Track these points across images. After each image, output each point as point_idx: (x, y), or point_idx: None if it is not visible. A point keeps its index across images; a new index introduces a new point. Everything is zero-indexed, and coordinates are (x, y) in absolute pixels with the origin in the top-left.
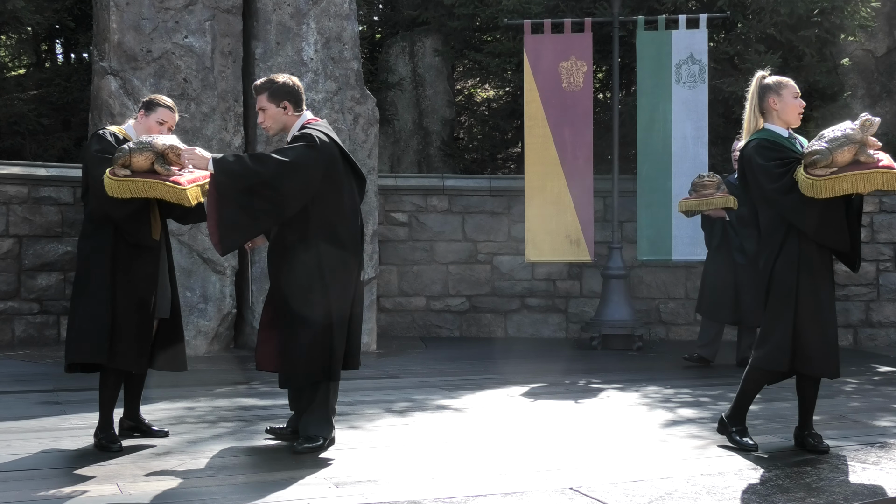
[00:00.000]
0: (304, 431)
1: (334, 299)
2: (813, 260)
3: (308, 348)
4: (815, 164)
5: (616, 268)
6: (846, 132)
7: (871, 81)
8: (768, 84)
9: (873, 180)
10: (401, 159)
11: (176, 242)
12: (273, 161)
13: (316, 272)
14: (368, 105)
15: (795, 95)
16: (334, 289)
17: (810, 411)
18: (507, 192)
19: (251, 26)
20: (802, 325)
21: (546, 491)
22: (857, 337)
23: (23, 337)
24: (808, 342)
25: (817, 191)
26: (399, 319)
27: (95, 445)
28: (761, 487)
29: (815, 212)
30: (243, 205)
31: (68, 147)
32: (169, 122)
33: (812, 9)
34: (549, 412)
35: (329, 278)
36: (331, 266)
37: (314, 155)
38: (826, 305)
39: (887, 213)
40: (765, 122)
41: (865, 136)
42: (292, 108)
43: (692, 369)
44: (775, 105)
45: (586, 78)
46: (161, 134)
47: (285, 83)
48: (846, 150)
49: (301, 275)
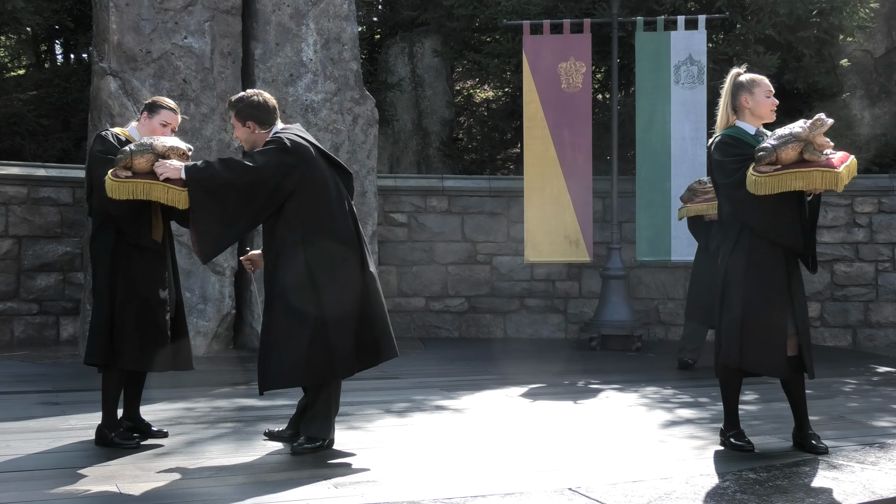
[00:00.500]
0: (304, 431)
1: (329, 298)
2: (764, 257)
3: (307, 349)
4: (761, 160)
5: (615, 268)
6: (793, 130)
7: (870, 82)
8: (741, 82)
9: (813, 178)
10: (400, 160)
11: (176, 243)
12: (240, 166)
13: (305, 273)
14: (367, 106)
15: (768, 94)
16: (329, 287)
17: (802, 411)
18: (507, 193)
19: (250, 27)
20: (747, 321)
21: (545, 491)
22: (855, 337)
23: (22, 337)
24: (751, 339)
25: (758, 187)
26: (398, 320)
27: (105, 443)
28: (760, 488)
29: (765, 209)
30: (216, 212)
31: (68, 147)
32: (172, 124)
33: (811, 9)
34: (548, 413)
35: (321, 278)
36: (322, 265)
37: (283, 157)
38: (774, 304)
39: (886, 214)
40: (737, 120)
41: (812, 135)
42: (258, 128)
43: (691, 370)
44: (747, 103)
45: (585, 79)
46: (164, 136)
47: (252, 102)
48: (790, 147)
49: (290, 276)
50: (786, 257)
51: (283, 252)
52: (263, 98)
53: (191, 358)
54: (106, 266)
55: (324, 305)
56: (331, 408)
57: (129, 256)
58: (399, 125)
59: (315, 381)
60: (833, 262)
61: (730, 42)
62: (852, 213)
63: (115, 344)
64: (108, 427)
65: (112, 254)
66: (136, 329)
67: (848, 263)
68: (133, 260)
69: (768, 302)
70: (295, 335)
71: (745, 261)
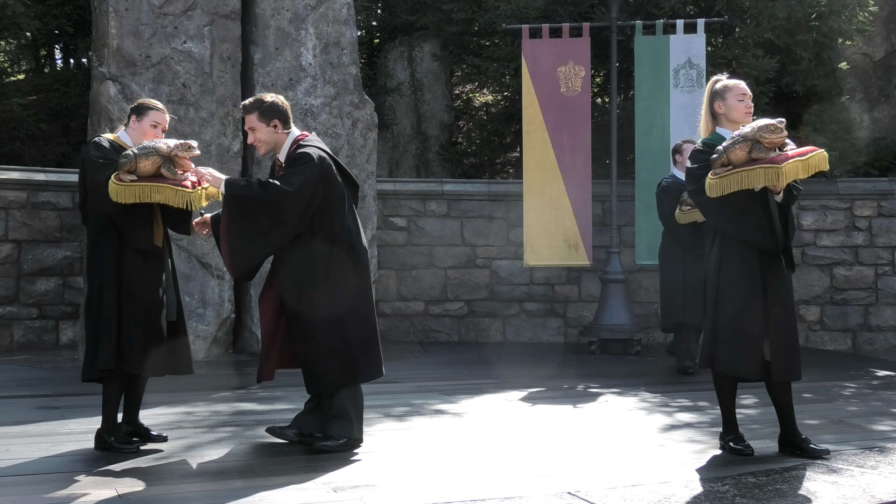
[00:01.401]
0: (328, 431)
1: (339, 299)
2: (737, 259)
3: (328, 354)
4: (714, 163)
5: (614, 272)
6: (742, 131)
7: (869, 85)
8: (716, 90)
9: (755, 176)
10: (399, 164)
11: (175, 248)
12: (277, 188)
13: (320, 272)
14: (367, 110)
15: (741, 97)
16: (339, 289)
17: (788, 415)
18: (506, 197)
19: (250, 31)
20: (721, 324)
21: (544, 495)
22: (855, 341)
23: (21, 342)
24: (724, 341)
25: (710, 189)
26: (398, 324)
27: (105, 447)
28: (759, 492)
29: (729, 210)
30: (252, 228)
31: (67, 152)
32: (162, 124)
33: (810, 13)
34: (547, 416)
35: (333, 278)
36: (332, 265)
37: (316, 174)
38: (746, 306)
39: (885, 218)
40: (717, 127)
41: (759, 134)
42: (282, 127)
43: (691, 374)
44: (720, 109)
45: (584, 82)
46: (157, 137)
47: (274, 102)
48: (738, 147)
49: (303, 276)
50: (761, 258)
51: (297, 252)
52: (281, 100)
53: (191, 362)
54: (111, 271)
55: (338, 306)
56: (349, 407)
57: (131, 261)
58: (398, 129)
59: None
60: (833, 266)
61: (729, 46)
62: (852, 216)
63: (120, 349)
64: (107, 431)
65: (116, 259)
66: (142, 334)
67: (847, 267)
68: (135, 264)
69: (740, 304)
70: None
71: (719, 264)
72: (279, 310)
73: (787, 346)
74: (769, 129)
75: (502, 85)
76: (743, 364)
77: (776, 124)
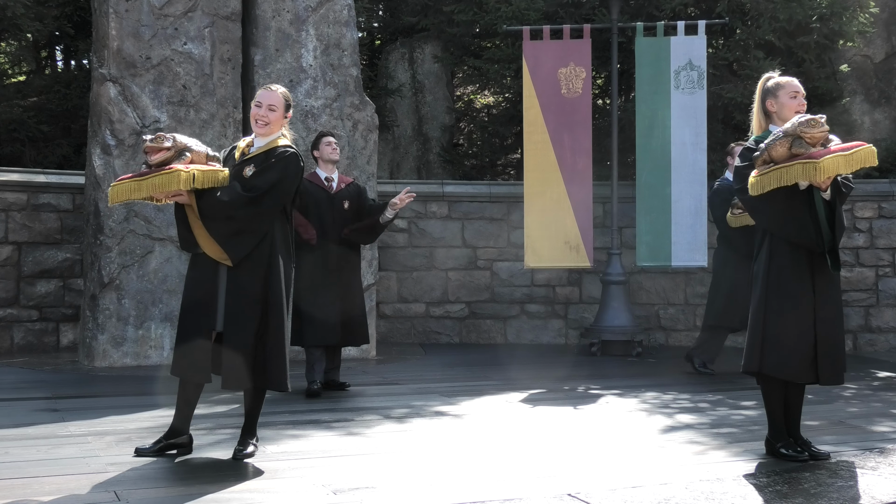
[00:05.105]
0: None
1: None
2: (785, 259)
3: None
4: (756, 161)
5: (615, 274)
6: (784, 127)
7: (870, 87)
8: (767, 87)
9: (794, 171)
10: (400, 165)
11: (175, 249)
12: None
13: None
14: (367, 111)
15: (793, 95)
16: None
17: (797, 415)
18: (507, 198)
19: (250, 33)
20: (769, 326)
21: (544, 497)
22: (856, 342)
23: (22, 344)
24: (771, 344)
25: (752, 188)
26: (398, 326)
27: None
28: (760, 493)
29: (774, 209)
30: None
31: (68, 154)
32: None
33: (811, 15)
34: (548, 418)
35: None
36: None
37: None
38: (794, 308)
39: (886, 219)
40: (770, 125)
41: (799, 129)
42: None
43: (690, 375)
44: (772, 107)
45: (585, 84)
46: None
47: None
48: (779, 143)
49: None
50: (811, 259)
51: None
52: None
53: (246, 376)
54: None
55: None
56: None
57: (190, 263)
58: (399, 131)
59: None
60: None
61: (730, 47)
62: (853, 218)
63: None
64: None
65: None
66: (185, 336)
67: (848, 268)
68: (190, 266)
69: (789, 306)
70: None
71: (768, 265)
72: None
73: (835, 350)
74: (809, 123)
75: (503, 86)
76: (793, 366)
77: (817, 119)
